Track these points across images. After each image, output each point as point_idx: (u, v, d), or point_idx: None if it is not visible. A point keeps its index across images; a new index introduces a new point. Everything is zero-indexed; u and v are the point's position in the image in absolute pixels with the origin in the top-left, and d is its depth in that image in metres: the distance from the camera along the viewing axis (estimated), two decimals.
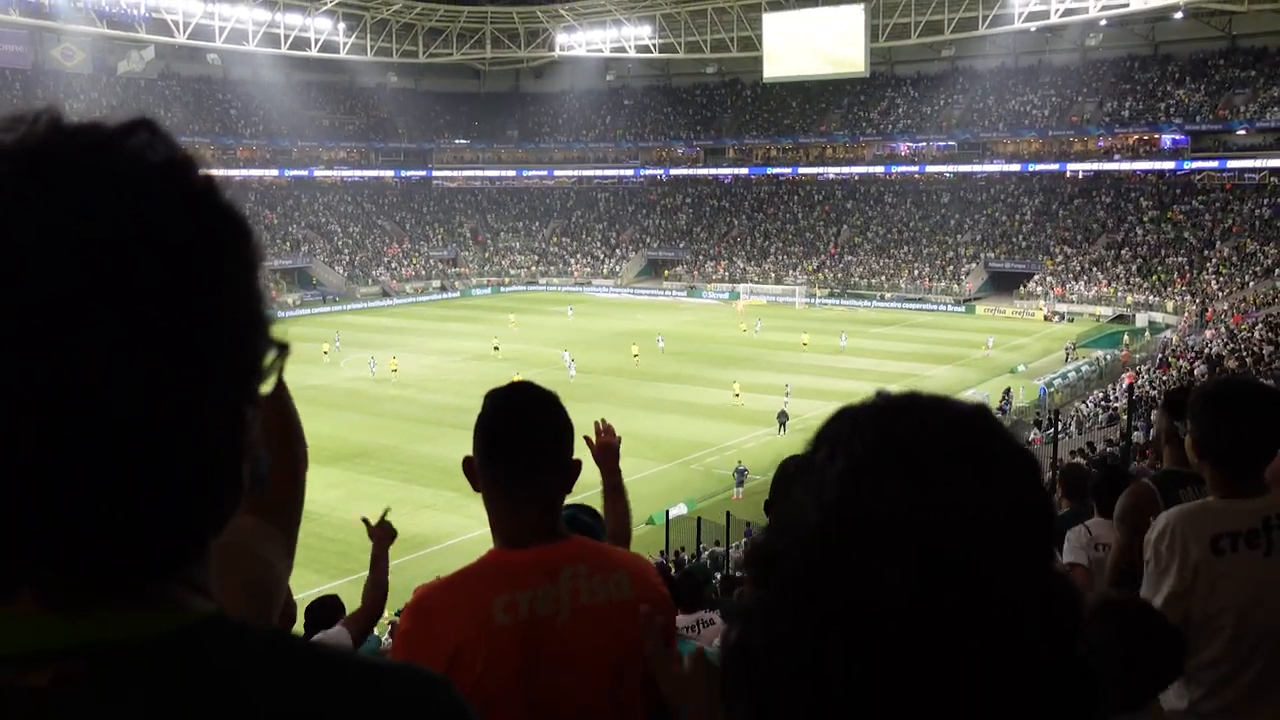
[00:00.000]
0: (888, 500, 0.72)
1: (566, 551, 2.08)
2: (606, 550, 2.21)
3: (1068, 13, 65.99)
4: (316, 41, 78.30)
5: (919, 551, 0.70)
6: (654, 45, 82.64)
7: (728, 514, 21.28)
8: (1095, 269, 62.98)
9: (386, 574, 4.46)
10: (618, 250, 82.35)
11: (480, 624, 1.97)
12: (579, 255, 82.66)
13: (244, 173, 76.24)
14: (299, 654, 0.75)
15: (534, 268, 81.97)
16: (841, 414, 0.81)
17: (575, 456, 2.14)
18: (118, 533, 0.69)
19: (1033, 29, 69.50)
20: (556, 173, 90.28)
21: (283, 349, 0.77)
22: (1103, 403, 33.41)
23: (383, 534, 4.43)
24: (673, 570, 14.96)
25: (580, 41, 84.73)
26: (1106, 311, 58.45)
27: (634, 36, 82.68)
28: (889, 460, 0.74)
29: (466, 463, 2.12)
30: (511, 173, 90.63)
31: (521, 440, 2.08)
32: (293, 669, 0.74)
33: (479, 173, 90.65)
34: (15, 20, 65.09)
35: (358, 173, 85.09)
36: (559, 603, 2.01)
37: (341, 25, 78.83)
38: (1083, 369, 42.02)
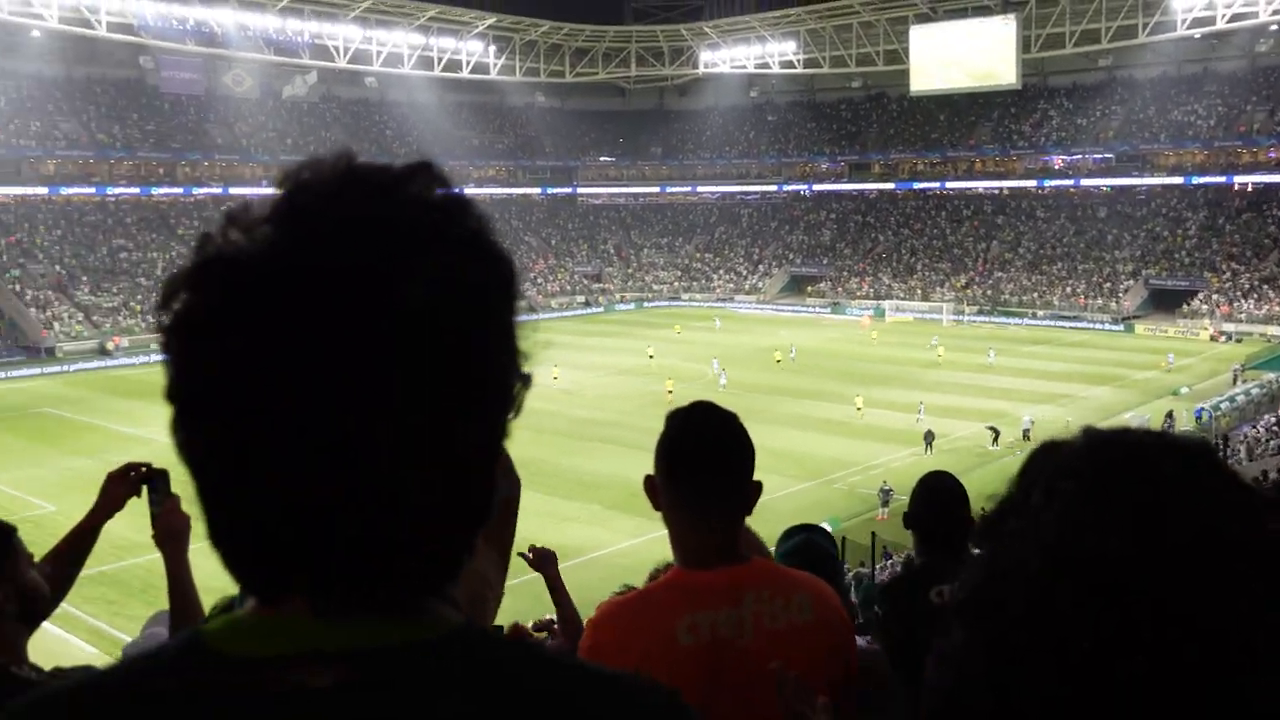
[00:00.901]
0: (1101, 540, 0.71)
1: (748, 574, 2.07)
2: (788, 573, 2.20)
3: (1235, 18, 63.04)
4: (468, 63, 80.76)
5: (1119, 590, 0.69)
6: (798, 61, 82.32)
7: (873, 535, 20.94)
8: (1266, 286, 59.76)
9: (572, 605, 4.30)
10: (760, 266, 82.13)
11: (663, 644, 1.96)
12: (722, 271, 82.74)
13: None
14: (545, 662, 0.80)
15: (677, 283, 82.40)
16: (1048, 451, 0.81)
17: (756, 478, 2.11)
18: (391, 551, 0.75)
19: (1197, 36, 66.56)
20: (700, 189, 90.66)
21: (526, 380, 0.81)
22: (1274, 427, 31.68)
23: (542, 560, 4.26)
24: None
25: (724, 58, 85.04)
26: (1278, 331, 55.38)
27: (778, 53, 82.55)
28: (1102, 499, 0.73)
29: (648, 481, 2.11)
30: (655, 189, 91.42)
31: (704, 460, 2.07)
32: (541, 676, 0.77)
33: (623, 189, 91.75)
34: (191, 50, 69.01)
35: (506, 190, 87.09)
36: (742, 625, 2.00)
37: (492, 47, 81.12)
38: (1252, 392, 39.87)
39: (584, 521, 26.52)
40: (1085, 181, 73.72)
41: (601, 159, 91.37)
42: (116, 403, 41.61)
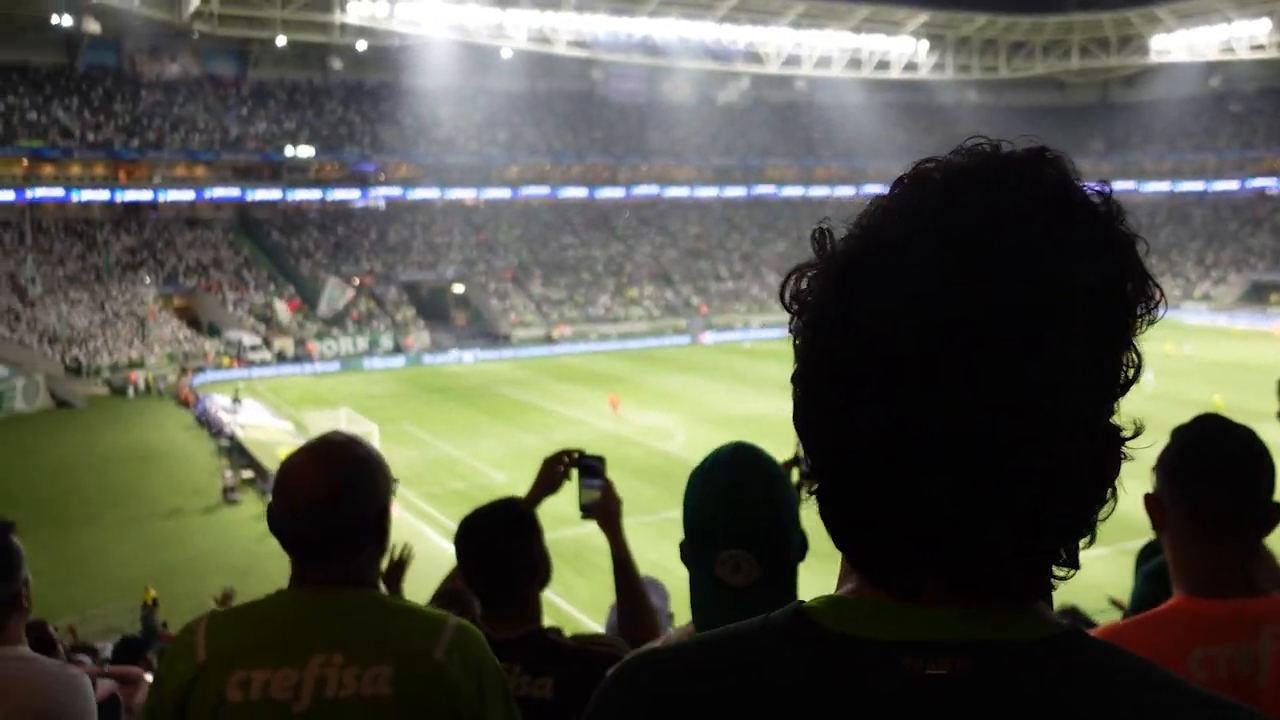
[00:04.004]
0: None
1: (1265, 607, 1.86)
2: None
3: None
4: (898, 63, 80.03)
5: None
6: (1272, 44, 73.61)
7: None
8: None
9: None
10: (1214, 272, 74.52)
11: None
12: (1166, 276, 75.96)
13: (823, 191, 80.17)
14: (1161, 676, 0.77)
15: None
16: None
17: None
18: (1024, 544, 0.74)
19: None
20: (1146, 187, 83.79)
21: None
22: None
23: None
24: None
25: (1180, 44, 77.87)
26: None
27: (1247, 35, 74.27)
28: None
29: (1148, 500, 1.97)
30: (1095, 187, 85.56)
31: (1213, 478, 1.90)
32: (1157, 691, 0.75)
33: None
34: (636, 61, 74.23)
35: None
36: (1258, 664, 1.80)
37: (924, 45, 79.84)
38: None
39: None
40: None
41: None
42: (558, 386, 45.67)
